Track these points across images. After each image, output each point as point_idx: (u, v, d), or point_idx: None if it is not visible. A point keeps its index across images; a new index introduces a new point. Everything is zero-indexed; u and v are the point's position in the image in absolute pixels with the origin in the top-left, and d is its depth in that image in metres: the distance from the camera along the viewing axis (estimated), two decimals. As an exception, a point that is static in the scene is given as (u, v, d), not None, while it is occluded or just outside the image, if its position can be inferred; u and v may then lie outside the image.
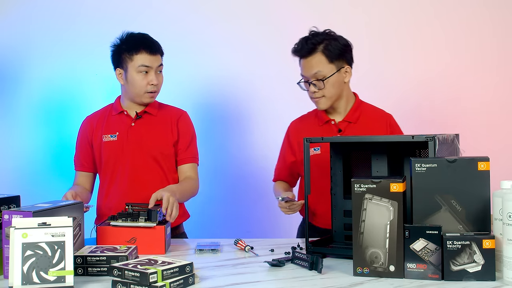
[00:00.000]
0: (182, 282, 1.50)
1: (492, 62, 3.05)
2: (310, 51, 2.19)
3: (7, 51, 3.06)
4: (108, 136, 2.35)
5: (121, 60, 2.31)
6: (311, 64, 2.19)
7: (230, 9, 3.12)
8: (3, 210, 1.67)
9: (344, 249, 1.85)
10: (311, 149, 2.27)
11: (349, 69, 2.24)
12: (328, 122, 2.29)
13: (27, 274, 1.47)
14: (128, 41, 2.31)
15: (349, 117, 2.27)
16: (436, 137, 1.64)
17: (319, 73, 2.18)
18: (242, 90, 3.11)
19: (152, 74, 2.28)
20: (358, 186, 1.58)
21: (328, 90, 2.19)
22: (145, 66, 2.27)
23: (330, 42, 2.19)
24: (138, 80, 2.28)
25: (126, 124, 2.36)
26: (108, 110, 2.43)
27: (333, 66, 2.19)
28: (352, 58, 2.27)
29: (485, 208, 1.57)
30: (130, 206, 2.00)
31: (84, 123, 2.43)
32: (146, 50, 2.27)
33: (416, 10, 3.08)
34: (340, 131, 2.26)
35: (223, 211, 3.10)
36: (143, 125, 2.36)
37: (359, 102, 2.32)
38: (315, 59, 2.19)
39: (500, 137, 3.02)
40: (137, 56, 2.27)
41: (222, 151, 3.12)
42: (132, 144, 2.33)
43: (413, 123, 3.01)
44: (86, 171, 2.41)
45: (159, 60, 2.31)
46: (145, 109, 2.36)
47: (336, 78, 2.20)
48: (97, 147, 2.36)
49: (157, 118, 2.38)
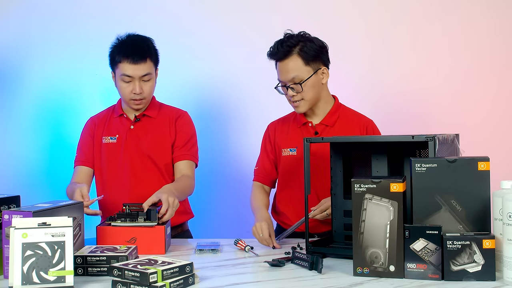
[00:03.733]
0: (182, 282, 1.50)
1: (493, 62, 3.04)
2: (286, 54, 2.15)
3: (7, 51, 3.06)
4: (108, 138, 2.36)
5: (111, 64, 2.31)
6: (288, 68, 2.15)
7: (228, 8, 3.11)
8: (3, 210, 1.67)
9: (344, 249, 1.85)
10: (287, 150, 2.27)
11: (326, 70, 2.20)
12: (306, 124, 2.27)
13: (27, 274, 1.47)
14: (117, 46, 2.28)
15: (326, 120, 2.25)
16: (436, 137, 1.64)
17: (296, 77, 2.14)
18: (244, 90, 3.11)
19: (136, 83, 2.24)
20: (358, 186, 1.58)
21: (307, 93, 2.17)
22: (126, 75, 2.24)
23: (305, 44, 2.15)
24: (122, 87, 2.27)
25: (126, 127, 2.36)
26: (110, 112, 2.43)
27: (309, 68, 2.16)
28: (329, 59, 2.23)
29: (485, 208, 1.57)
30: (127, 207, 2.00)
31: (88, 122, 2.44)
32: (128, 59, 2.22)
33: (416, 10, 3.08)
34: (317, 134, 2.24)
35: (223, 211, 3.09)
36: (142, 128, 2.36)
37: (338, 106, 2.29)
38: (292, 63, 2.15)
39: (500, 137, 3.01)
40: (120, 65, 2.24)
41: (222, 151, 3.12)
42: (130, 147, 2.33)
43: (413, 123, 3.01)
44: (88, 166, 2.39)
45: (145, 69, 2.24)
46: (144, 111, 2.36)
47: (313, 80, 2.17)
48: (97, 147, 2.37)
49: (156, 121, 2.37)
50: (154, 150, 2.34)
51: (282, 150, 2.30)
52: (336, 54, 2.34)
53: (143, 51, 2.26)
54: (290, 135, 2.29)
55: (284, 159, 2.29)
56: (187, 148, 2.37)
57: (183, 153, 2.36)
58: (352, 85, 3.00)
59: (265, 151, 2.38)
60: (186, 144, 2.37)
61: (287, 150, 2.28)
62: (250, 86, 3.10)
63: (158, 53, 2.35)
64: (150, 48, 2.30)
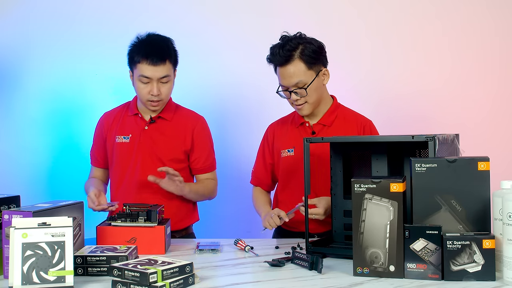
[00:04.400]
0: (182, 282, 1.50)
1: (493, 62, 3.05)
2: (287, 59, 2.11)
3: (7, 51, 3.06)
4: (121, 137, 2.33)
5: (130, 63, 2.27)
6: (291, 74, 2.12)
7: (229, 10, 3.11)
8: (3, 210, 1.67)
9: (344, 249, 1.85)
10: (285, 151, 2.28)
11: (326, 71, 2.20)
12: (303, 124, 2.27)
13: (27, 274, 1.47)
14: (137, 46, 2.24)
15: (323, 120, 2.25)
16: (436, 137, 1.64)
17: (300, 82, 2.12)
18: (243, 91, 3.11)
19: (153, 85, 2.21)
20: (358, 186, 1.58)
21: (311, 96, 2.15)
22: (144, 77, 2.20)
23: (305, 47, 2.12)
24: (140, 88, 2.24)
25: (140, 127, 2.33)
26: (125, 109, 2.39)
27: (312, 72, 2.14)
28: (327, 59, 2.22)
29: (485, 208, 1.57)
30: (128, 207, 2.00)
31: (102, 119, 2.42)
32: (148, 61, 2.18)
33: (417, 10, 3.08)
34: (314, 134, 2.24)
35: (223, 211, 3.09)
36: (156, 130, 2.32)
37: (336, 106, 2.28)
38: (294, 68, 2.11)
39: (500, 137, 3.01)
40: (139, 65, 2.20)
41: (222, 151, 3.12)
42: (143, 148, 2.31)
43: (413, 123, 3.01)
44: (100, 167, 2.42)
45: (163, 71, 2.21)
46: (160, 113, 2.33)
47: (316, 83, 2.16)
48: (110, 146, 2.36)
49: (171, 124, 2.34)
50: (166, 155, 2.31)
51: (281, 151, 2.30)
52: (335, 54, 2.34)
53: (163, 52, 2.21)
54: (288, 136, 2.30)
55: (283, 160, 2.29)
56: (208, 159, 2.38)
57: (206, 166, 2.39)
58: (352, 85, 3.00)
59: (262, 155, 2.39)
60: (208, 157, 2.38)
61: (285, 151, 2.28)
62: (251, 87, 3.10)
63: (178, 54, 2.31)
64: (169, 49, 2.26)
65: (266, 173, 2.38)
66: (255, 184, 2.43)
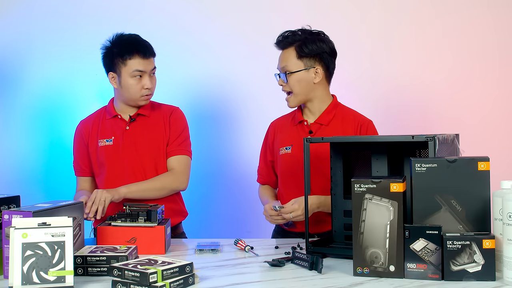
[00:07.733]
0: (182, 282, 1.50)
1: (493, 62, 3.05)
2: (286, 44, 2.21)
3: (7, 51, 3.06)
4: (104, 140, 2.35)
5: (113, 64, 2.28)
6: (282, 57, 2.23)
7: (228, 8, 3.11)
8: (3, 210, 1.67)
9: (344, 249, 1.85)
10: (284, 148, 2.29)
11: (320, 70, 2.20)
12: (301, 122, 2.28)
13: (27, 274, 1.47)
14: (120, 44, 2.28)
15: (321, 119, 2.25)
16: (436, 137, 1.64)
17: (285, 67, 2.21)
18: (244, 89, 3.11)
19: (146, 78, 2.28)
20: (358, 186, 1.58)
21: (293, 86, 2.20)
22: (139, 71, 2.26)
23: (308, 41, 2.18)
24: (132, 85, 2.27)
25: (121, 128, 2.35)
26: (102, 114, 2.41)
27: (301, 63, 2.19)
28: (333, 64, 2.24)
29: (485, 208, 1.57)
30: (128, 207, 2.00)
31: (79, 127, 2.42)
32: (140, 55, 2.26)
33: (417, 10, 3.08)
34: (311, 133, 2.25)
35: (223, 211, 3.09)
36: (138, 128, 2.35)
37: (335, 105, 2.28)
38: (286, 53, 2.21)
39: (500, 137, 3.01)
40: (131, 61, 2.25)
41: (221, 151, 3.12)
42: (128, 147, 2.32)
43: (413, 123, 3.01)
44: (87, 176, 2.41)
45: (152, 63, 2.30)
46: (138, 111, 2.36)
47: (301, 76, 2.19)
48: (93, 151, 2.36)
49: (151, 119, 2.37)
50: (151, 149, 2.33)
51: (279, 149, 2.30)
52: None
53: (149, 46, 2.31)
54: (286, 134, 2.31)
55: (281, 158, 2.30)
56: (178, 143, 2.37)
57: (174, 149, 2.36)
58: (351, 85, 3.00)
59: (264, 153, 2.42)
60: (177, 139, 2.37)
61: (284, 149, 2.29)
62: (250, 85, 3.10)
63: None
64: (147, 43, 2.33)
65: (268, 170, 2.40)
66: (261, 182, 2.44)
